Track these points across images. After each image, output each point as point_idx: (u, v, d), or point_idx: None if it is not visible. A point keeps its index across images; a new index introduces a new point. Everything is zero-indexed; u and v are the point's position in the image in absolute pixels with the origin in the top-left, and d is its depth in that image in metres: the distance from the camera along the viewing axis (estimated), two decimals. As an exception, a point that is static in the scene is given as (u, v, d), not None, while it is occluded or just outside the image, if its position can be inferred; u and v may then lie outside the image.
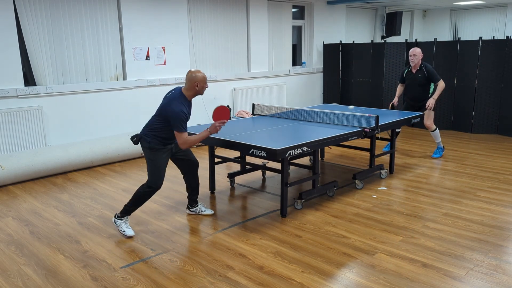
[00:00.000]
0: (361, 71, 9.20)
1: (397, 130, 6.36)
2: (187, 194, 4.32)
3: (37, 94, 5.96)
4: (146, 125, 3.87)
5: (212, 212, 4.38)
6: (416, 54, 6.03)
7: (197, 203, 4.35)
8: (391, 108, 6.43)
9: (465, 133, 7.82)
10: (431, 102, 6.00)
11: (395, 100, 6.43)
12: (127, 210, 3.88)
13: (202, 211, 4.35)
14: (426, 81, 6.07)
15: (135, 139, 3.84)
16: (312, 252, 3.51)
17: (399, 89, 6.48)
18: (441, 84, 6.00)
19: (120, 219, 3.89)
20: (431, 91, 6.16)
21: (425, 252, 3.47)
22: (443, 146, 6.44)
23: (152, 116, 3.88)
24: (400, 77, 6.45)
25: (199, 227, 4.04)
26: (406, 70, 6.31)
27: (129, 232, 3.87)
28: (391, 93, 8.70)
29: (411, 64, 6.12)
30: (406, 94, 6.39)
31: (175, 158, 4.06)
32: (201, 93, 3.84)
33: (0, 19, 5.55)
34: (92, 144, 6.02)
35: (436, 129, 6.24)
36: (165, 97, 3.86)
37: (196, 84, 3.74)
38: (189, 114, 3.79)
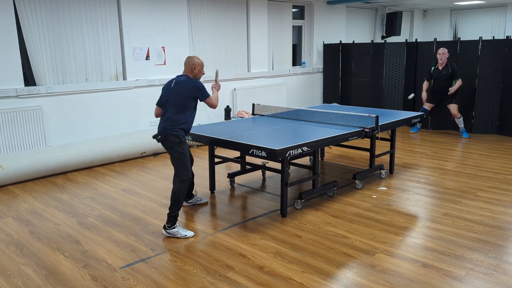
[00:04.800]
0: (361, 71, 9.20)
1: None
2: None
3: (37, 94, 5.96)
4: (166, 120, 3.86)
5: (207, 200, 4.71)
6: (444, 53, 7.18)
7: (193, 195, 4.59)
8: (409, 98, 7.79)
9: (465, 133, 7.82)
10: (453, 89, 7.18)
11: (424, 95, 7.52)
12: (173, 216, 3.83)
13: (198, 200, 4.63)
14: (450, 77, 7.20)
15: (159, 137, 3.89)
16: (312, 252, 3.51)
17: (425, 85, 7.55)
18: (460, 82, 7.17)
19: (173, 228, 3.84)
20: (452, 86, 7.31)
21: (425, 252, 3.47)
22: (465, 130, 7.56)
23: (168, 109, 3.87)
24: (427, 75, 7.52)
25: (199, 227, 4.04)
26: (433, 68, 7.38)
27: (189, 233, 3.86)
28: (391, 93, 8.70)
29: (440, 61, 7.23)
30: (433, 88, 7.43)
31: None
32: (199, 76, 4.03)
33: (0, 19, 5.55)
34: (92, 144, 6.02)
35: (461, 116, 7.39)
36: (173, 86, 3.90)
37: (194, 67, 3.97)
38: None
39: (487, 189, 4.92)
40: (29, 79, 6.08)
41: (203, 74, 4.09)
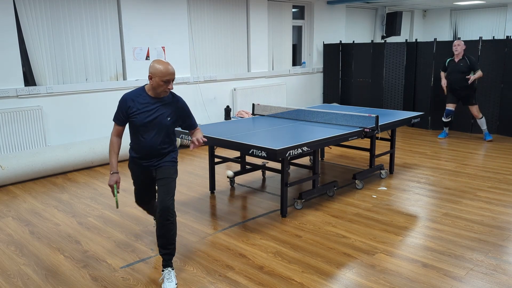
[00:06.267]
0: (361, 71, 9.20)
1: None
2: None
3: (37, 94, 5.96)
4: None
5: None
6: (460, 44, 7.03)
7: None
8: (446, 92, 7.38)
9: (465, 133, 7.82)
10: (472, 77, 6.86)
11: (444, 83, 7.31)
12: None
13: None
14: (468, 70, 6.96)
15: None
16: (312, 252, 3.51)
17: (443, 74, 7.38)
18: (480, 73, 6.92)
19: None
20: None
21: (425, 252, 3.47)
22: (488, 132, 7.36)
23: None
24: (442, 65, 7.36)
25: (199, 227, 4.04)
26: (448, 59, 7.22)
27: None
28: (391, 93, 8.70)
29: (455, 53, 7.05)
30: (451, 85, 7.19)
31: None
32: (158, 91, 3.00)
33: (0, 19, 5.55)
34: (92, 144, 6.02)
35: (482, 117, 7.19)
36: None
37: (150, 76, 2.97)
38: (144, 109, 3.04)
39: (487, 189, 4.92)
40: (29, 79, 6.08)
41: (170, 89, 3.00)
